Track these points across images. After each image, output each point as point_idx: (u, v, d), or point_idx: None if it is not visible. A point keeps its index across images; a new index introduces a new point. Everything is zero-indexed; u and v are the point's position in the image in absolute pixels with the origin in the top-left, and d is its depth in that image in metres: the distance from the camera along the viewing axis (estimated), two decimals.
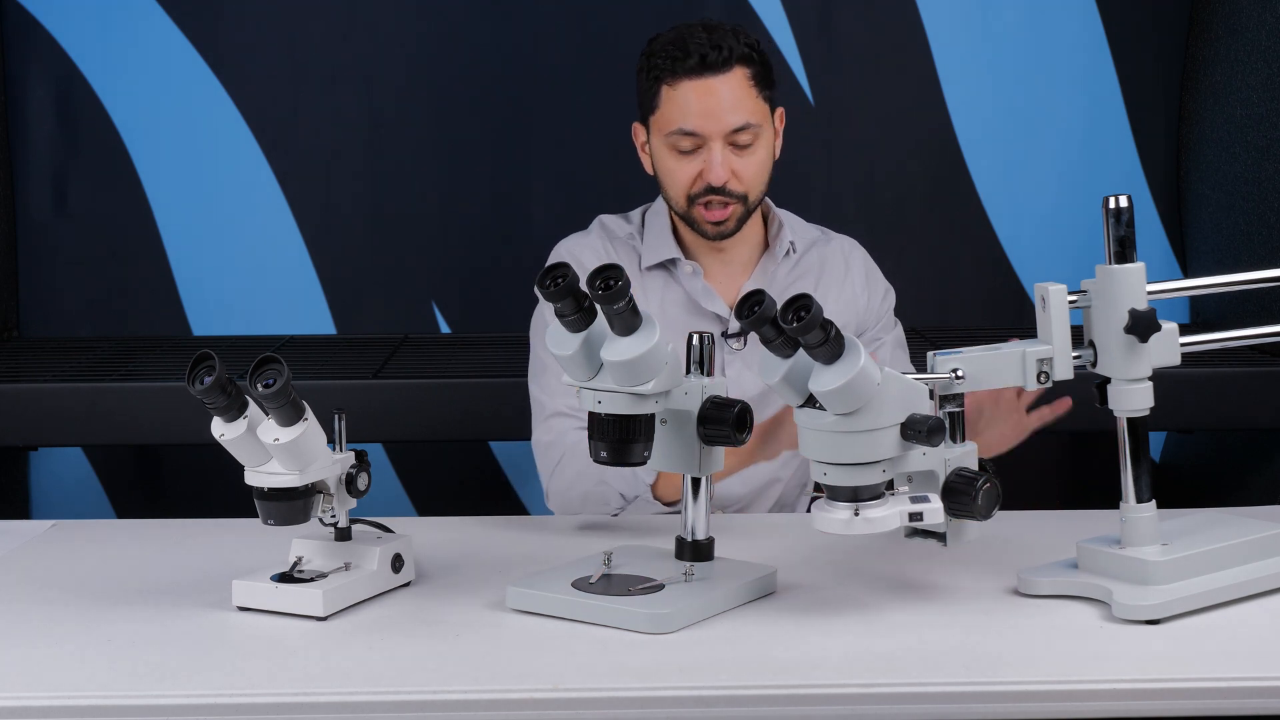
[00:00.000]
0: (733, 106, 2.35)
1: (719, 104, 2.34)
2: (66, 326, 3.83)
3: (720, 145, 2.36)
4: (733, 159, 2.37)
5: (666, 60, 2.37)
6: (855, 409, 1.76)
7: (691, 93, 2.35)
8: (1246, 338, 1.99)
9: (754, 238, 2.51)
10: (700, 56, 2.34)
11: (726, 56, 2.34)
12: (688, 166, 2.38)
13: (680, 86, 2.36)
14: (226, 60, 3.79)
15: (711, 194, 2.38)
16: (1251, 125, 3.50)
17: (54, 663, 1.73)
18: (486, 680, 1.67)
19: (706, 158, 2.37)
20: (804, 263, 2.54)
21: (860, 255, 2.61)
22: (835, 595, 1.93)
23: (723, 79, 2.35)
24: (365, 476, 1.95)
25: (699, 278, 2.47)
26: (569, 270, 1.81)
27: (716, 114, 2.35)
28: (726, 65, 2.35)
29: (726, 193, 2.38)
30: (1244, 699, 1.65)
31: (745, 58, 2.36)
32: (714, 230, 2.41)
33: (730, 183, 2.38)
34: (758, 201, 2.44)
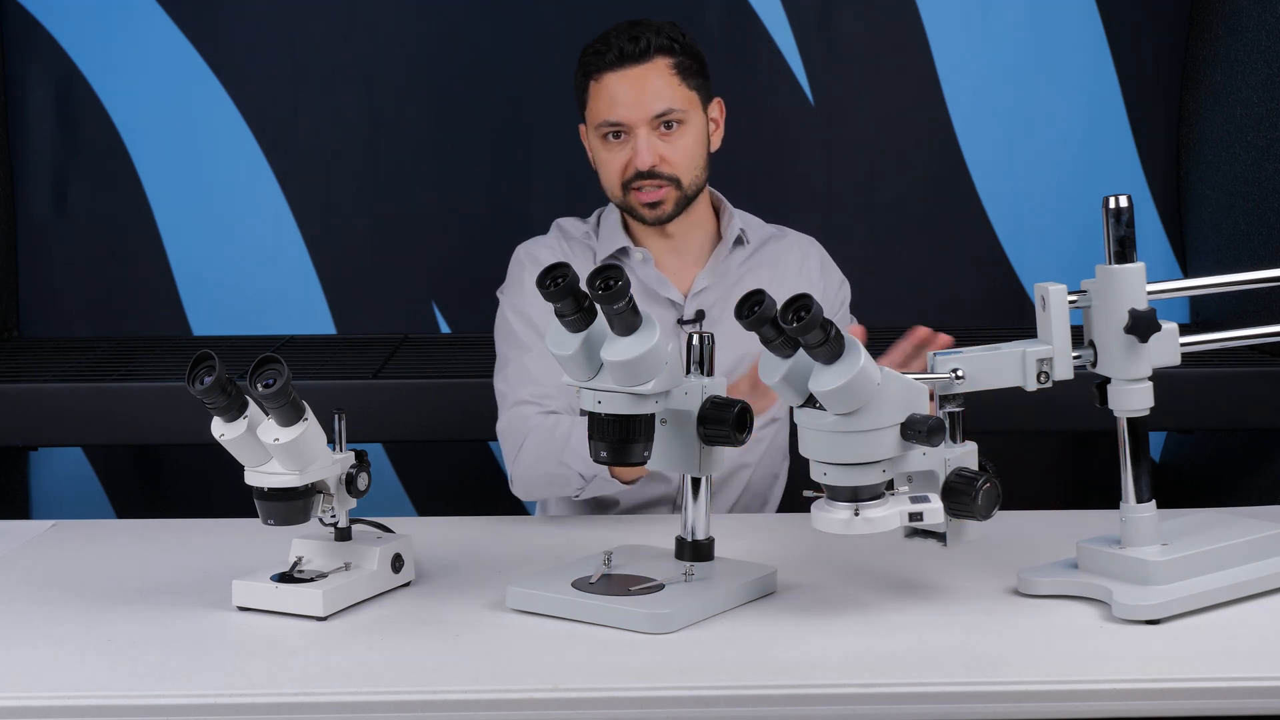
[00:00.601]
0: (654, 94, 2.44)
1: (640, 92, 2.44)
2: (66, 326, 3.82)
3: (645, 131, 2.44)
4: (659, 144, 2.45)
5: (592, 57, 2.47)
6: (855, 409, 1.76)
7: (614, 84, 2.45)
8: (1246, 338, 1.99)
9: (705, 227, 2.58)
10: (619, 50, 2.45)
11: (645, 47, 2.44)
12: (618, 155, 2.47)
13: (604, 80, 2.46)
14: (226, 60, 3.79)
15: (641, 179, 2.45)
16: (1251, 125, 3.50)
17: (54, 663, 1.73)
18: (486, 680, 1.67)
19: (633, 144, 2.45)
20: (759, 255, 2.60)
21: (817, 249, 2.67)
22: (835, 595, 1.93)
23: (642, 69, 2.45)
24: (365, 476, 1.95)
25: (650, 265, 2.53)
26: (569, 270, 1.82)
27: (638, 102, 2.44)
28: (645, 55, 2.45)
29: (656, 175, 2.45)
30: (1244, 699, 1.65)
31: (665, 48, 2.46)
32: (650, 214, 2.48)
33: (659, 165, 2.45)
34: (695, 186, 2.50)
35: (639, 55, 2.44)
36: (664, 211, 2.47)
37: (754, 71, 3.80)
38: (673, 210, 2.48)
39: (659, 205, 2.47)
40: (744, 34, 3.80)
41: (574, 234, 2.60)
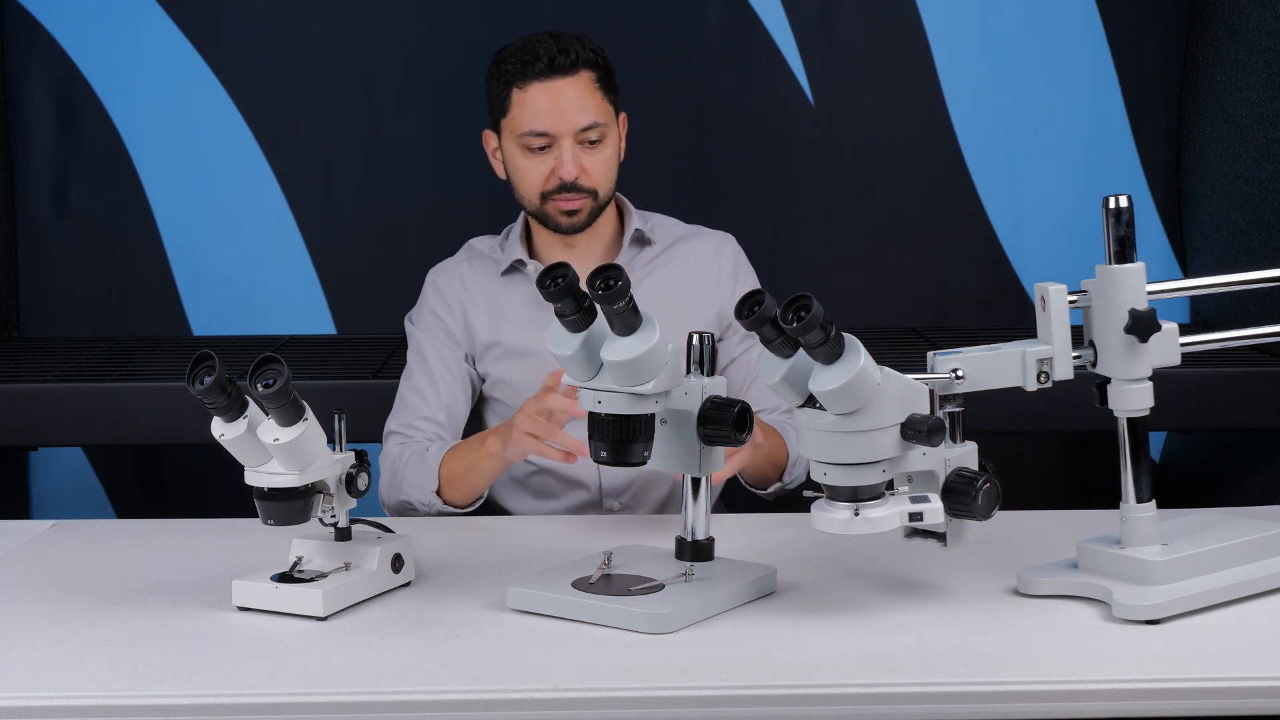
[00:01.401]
0: (580, 106, 2.48)
1: (567, 104, 2.48)
2: (66, 326, 3.82)
3: (570, 143, 2.49)
4: (582, 156, 2.50)
5: (517, 65, 2.51)
6: (855, 409, 1.76)
7: (541, 94, 2.48)
8: (1246, 338, 1.99)
9: (607, 233, 2.63)
10: (549, 60, 2.48)
11: (574, 60, 2.49)
12: (540, 165, 2.51)
13: (530, 89, 2.49)
14: (226, 60, 3.79)
15: (563, 190, 2.50)
16: (1251, 125, 3.50)
17: (54, 663, 1.73)
18: (486, 680, 1.67)
19: (558, 155, 2.49)
20: (668, 254, 2.63)
21: (731, 248, 2.69)
22: (835, 595, 1.93)
23: (570, 81, 2.49)
24: (365, 476, 1.95)
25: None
26: (569, 270, 1.82)
27: (565, 114, 2.48)
28: (574, 68, 2.49)
29: (577, 188, 2.50)
30: (1244, 699, 1.65)
31: (590, 62, 2.51)
32: (567, 222, 2.53)
33: (581, 178, 2.50)
34: (607, 198, 2.56)
35: (568, 67, 2.49)
36: (579, 220, 2.53)
37: (754, 71, 3.81)
38: (587, 219, 2.53)
39: (576, 214, 2.52)
40: (744, 34, 3.80)
41: (481, 250, 2.67)
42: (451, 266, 2.66)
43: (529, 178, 2.52)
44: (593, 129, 2.48)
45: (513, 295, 2.60)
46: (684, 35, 3.82)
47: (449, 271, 2.65)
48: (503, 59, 2.53)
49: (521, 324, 2.56)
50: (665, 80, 3.80)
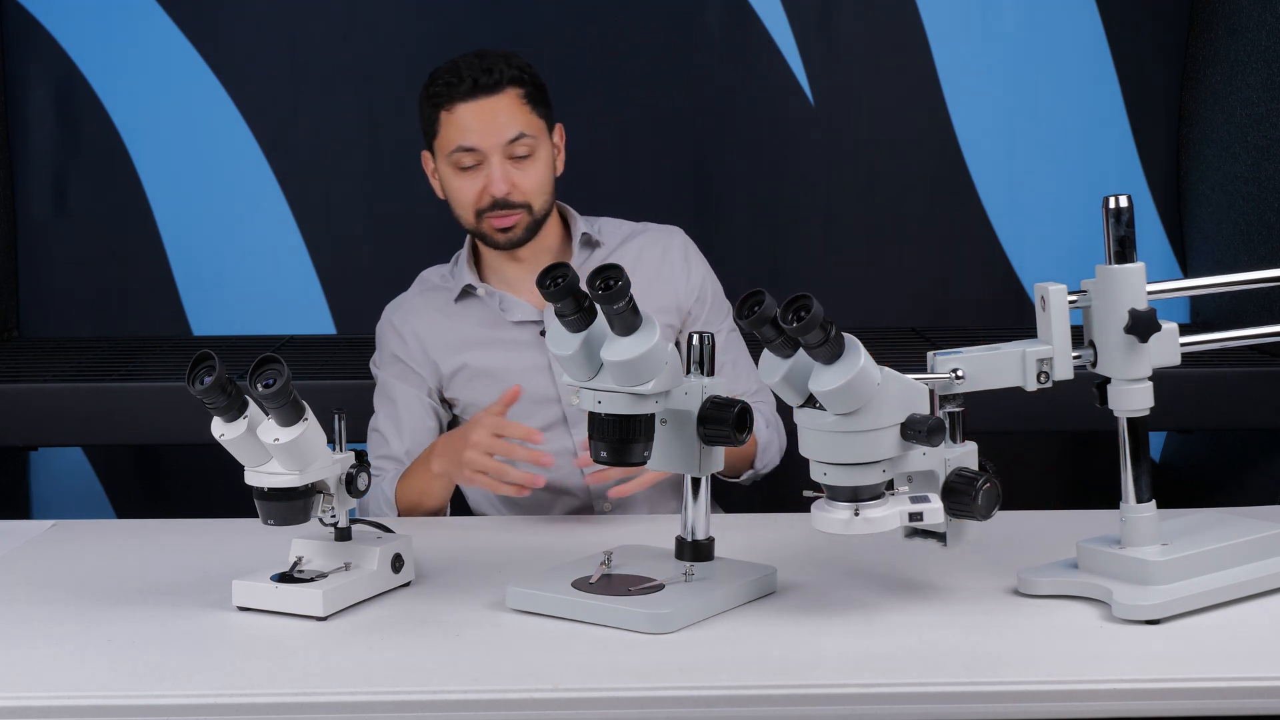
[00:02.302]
0: (507, 121, 2.51)
1: (493, 121, 2.51)
2: (66, 326, 3.82)
3: (499, 159, 2.51)
4: (512, 172, 2.52)
5: (443, 87, 2.53)
6: (855, 409, 1.76)
7: (468, 114, 2.51)
8: (1246, 338, 1.99)
9: (553, 243, 2.64)
10: (473, 80, 2.51)
11: (498, 79, 2.51)
12: (471, 182, 2.53)
13: (457, 109, 2.52)
14: (226, 60, 3.79)
15: (496, 207, 2.52)
16: (1251, 125, 3.50)
17: (54, 663, 1.73)
18: (486, 680, 1.67)
19: (487, 172, 2.51)
20: (617, 254, 2.64)
21: (680, 241, 2.71)
22: (835, 595, 1.93)
23: (495, 99, 2.51)
24: (365, 476, 1.95)
25: (494, 297, 2.60)
26: (569, 270, 1.83)
27: (491, 130, 2.50)
28: (498, 87, 2.51)
29: (510, 204, 2.52)
30: (1244, 699, 1.65)
31: (516, 79, 2.53)
32: (503, 238, 2.55)
33: (512, 193, 2.52)
34: (544, 211, 2.57)
35: (492, 86, 2.51)
36: (515, 235, 2.54)
37: (754, 71, 3.81)
38: (523, 235, 2.55)
39: (511, 230, 2.54)
40: (744, 34, 3.80)
41: (433, 281, 2.69)
42: (405, 302, 2.68)
43: (462, 196, 2.54)
44: (519, 141, 2.50)
45: (468, 320, 2.61)
46: (684, 35, 3.82)
47: (403, 308, 2.67)
48: (431, 82, 2.56)
49: (481, 346, 2.58)
50: (665, 80, 3.80)
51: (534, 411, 2.55)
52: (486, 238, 2.56)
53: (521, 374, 2.54)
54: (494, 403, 2.36)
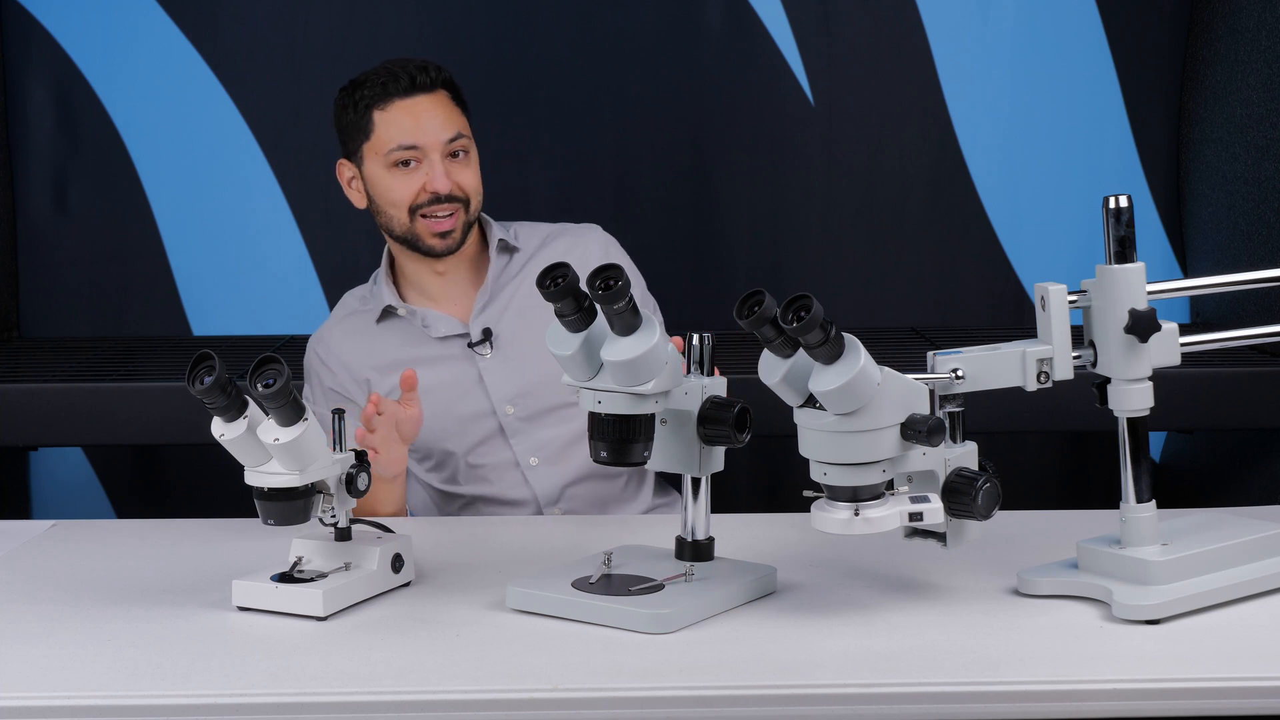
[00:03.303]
0: (444, 120, 2.53)
1: (433, 119, 2.53)
2: (66, 326, 3.82)
3: (438, 156, 2.52)
4: (452, 168, 2.53)
5: (377, 88, 2.55)
6: (855, 409, 1.76)
7: (404, 111, 2.53)
8: (1246, 338, 1.99)
9: (472, 250, 2.63)
10: (410, 78, 2.54)
11: (433, 78, 2.55)
12: (409, 181, 2.53)
13: (392, 108, 2.54)
14: (226, 60, 3.79)
15: (436, 203, 2.51)
16: (1251, 125, 3.50)
17: (54, 663, 1.73)
18: (486, 680, 1.67)
19: (428, 169, 2.52)
20: (539, 256, 2.64)
21: (598, 238, 2.70)
22: (835, 595, 1.93)
23: (430, 97, 2.54)
24: (365, 476, 1.95)
25: (416, 316, 2.60)
26: (569, 270, 1.83)
27: (431, 127, 2.52)
28: (433, 86, 2.55)
29: (452, 199, 2.52)
30: (1244, 699, 1.65)
31: (446, 82, 2.57)
32: (440, 244, 2.55)
33: (453, 189, 2.52)
34: (477, 211, 2.58)
35: (429, 85, 2.54)
36: (453, 240, 2.55)
37: (754, 71, 3.80)
38: (460, 238, 2.55)
39: (449, 234, 2.53)
40: (744, 34, 3.80)
41: (352, 305, 2.68)
42: (326, 334, 2.66)
43: (397, 195, 2.53)
44: (458, 140, 2.52)
45: (391, 341, 2.60)
46: (684, 35, 3.82)
47: (325, 340, 2.65)
48: (357, 86, 2.58)
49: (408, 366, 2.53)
50: (665, 80, 3.80)
51: (468, 427, 2.55)
52: (419, 242, 2.54)
53: (452, 389, 2.54)
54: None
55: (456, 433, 2.55)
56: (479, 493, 2.57)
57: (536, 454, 2.55)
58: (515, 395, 2.55)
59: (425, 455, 2.60)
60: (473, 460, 2.56)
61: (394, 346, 2.59)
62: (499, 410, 2.54)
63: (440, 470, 2.60)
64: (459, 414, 2.54)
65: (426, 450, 2.58)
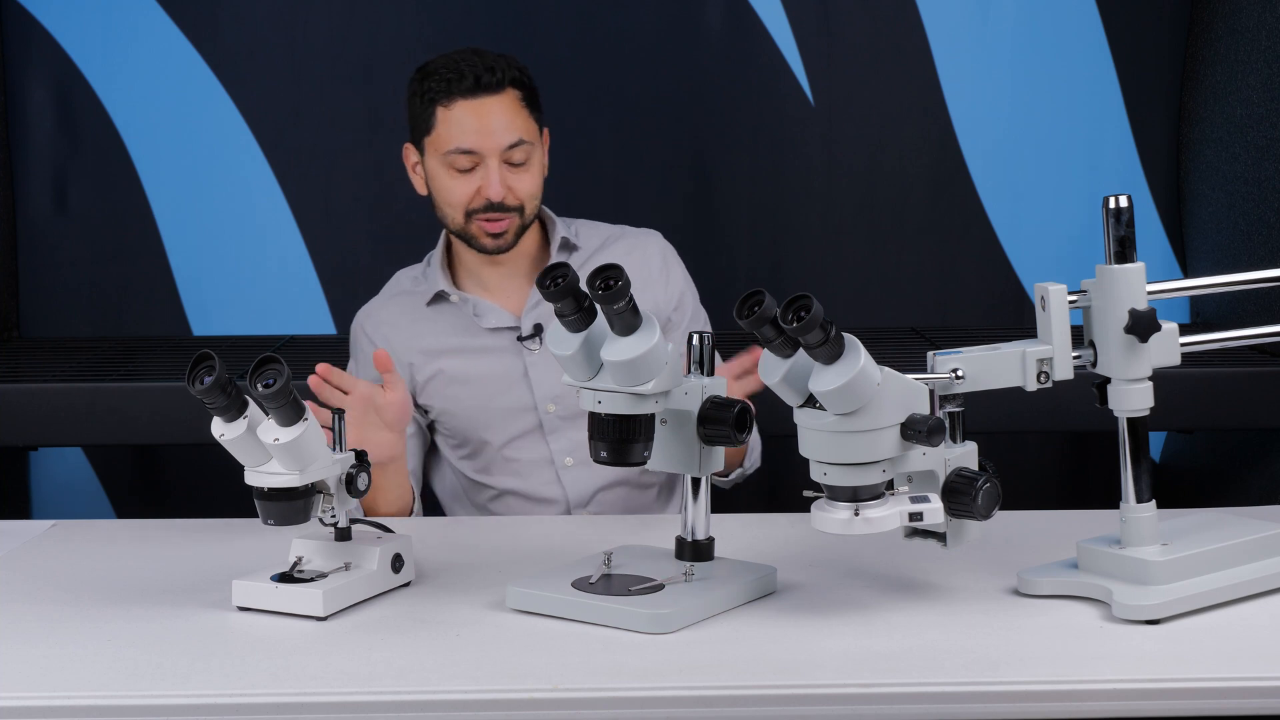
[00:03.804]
0: (506, 125, 2.47)
1: (493, 122, 2.46)
2: (66, 326, 3.82)
3: (496, 162, 2.47)
4: (508, 176, 2.48)
5: (441, 83, 2.49)
6: (855, 409, 1.76)
7: (467, 112, 2.47)
8: (1246, 338, 1.99)
9: (532, 247, 2.61)
10: (475, 78, 2.47)
11: (500, 78, 2.47)
12: (465, 184, 2.49)
13: (455, 107, 2.48)
14: (226, 60, 3.79)
15: (490, 209, 2.48)
16: (1251, 125, 3.50)
17: (54, 663, 1.73)
18: (486, 680, 1.67)
19: (484, 175, 2.47)
20: (598, 257, 2.61)
21: (658, 245, 2.68)
22: (835, 595, 1.93)
23: (496, 99, 2.47)
24: (365, 476, 1.95)
25: (468, 304, 2.57)
26: (569, 270, 1.83)
27: (492, 132, 2.46)
28: (500, 86, 2.47)
29: (504, 208, 2.48)
30: (1244, 699, 1.65)
31: (516, 81, 2.50)
32: (492, 244, 2.52)
33: (507, 198, 2.48)
34: (533, 216, 2.54)
35: (494, 86, 2.47)
36: (506, 241, 2.51)
37: (754, 71, 3.81)
38: (512, 240, 2.52)
39: (502, 235, 2.50)
40: (744, 34, 3.80)
41: (404, 285, 2.65)
42: (374, 309, 2.64)
43: (453, 197, 2.50)
44: (518, 148, 2.47)
45: (441, 326, 2.58)
46: (684, 35, 3.82)
47: (373, 315, 2.63)
48: (426, 75, 2.52)
49: (455, 354, 2.56)
50: (665, 80, 3.80)
51: (508, 420, 2.54)
52: (474, 240, 2.52)
53: (496, 381, 2.53)
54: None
55: (495, 424, 2.53)
56: (510, 486, 2.56)
57: (572, 454, 2.54)
58: (559, 393, 2.53)
59: (461, 442, 2.58)
60: (508, 454, 2.55)
61: (442, 332, 2.57)
62: (540, 406, 2.54)
63: (474, 459, 2.58)
64: (500, 406, 2.52)
65: (464, 437, 2.57)
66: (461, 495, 2.62)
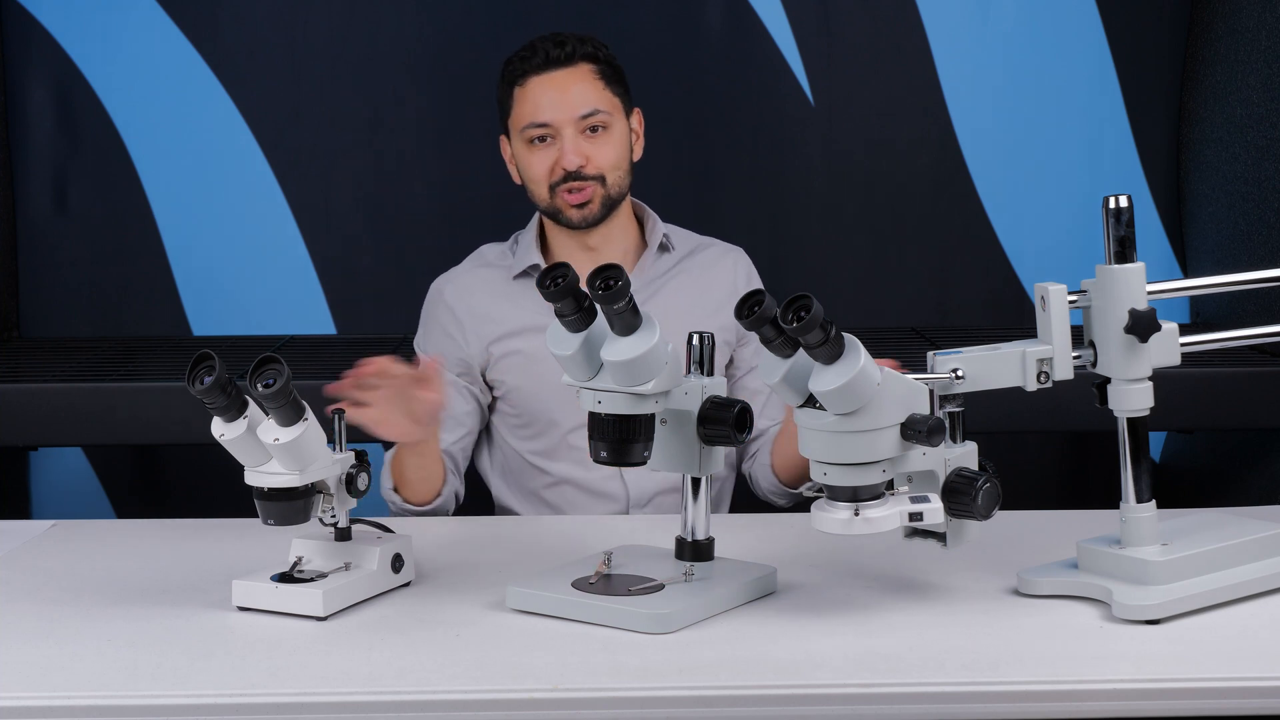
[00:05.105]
0: (580, 96, 2.50)
1: (565, 94, 2.49)
2: (66, 326, 3.82)
3: (572, 132, 2.49)
4: (585, 145, 2.50)
5: (516, 63, 2.53)
6: (855, 409, 1.76)
7: (539, 87, 2.50)
8: (1246, 338, 1.99)
9: (627, 239, 2.61)
10: (545, 54, 2.51)
11: (570, 53, 2.51)
12: (544, 157, 2.51)
13: (529, 84, 2.51)
14: (226, 60, 3.79)
15: (569, 179, 2.49)
16: (1251, 125, 3.50)
17: (54, 663, 1.73)
18: (486, 680, 1.67)
19: (560, 145, 2.49)
20: (685, 264, 2.62)
21: (745, 262, 2.69)
22: (835, 595, 1.93)
23: (567, 72, 2.51)
24: (365, 476, 1.95)
25: None
26: (569, 270, 1.82)
27: (564, 103, 2.49)
28: (570, 60, 2.51)
29: (583, 176, 2.49)
30: (1244, 699, 1.65)
31: (589, 55, 2.53)
32: (578, 215, 2.51)
33: (585, 166, 2.49)
34: (619, 189, 2.54)
35: (564, 59, 2.50)
36: (591, 212, 2.51)
37: (754, 71, 3.80)
38: (599, 211, 2.51)
39: (586, 205, 2.50)
40: (744, 34, 3.80)
41: (489, 258, 2.64)
42: (458, 276, 2.63)
43: (535, 172, 2.51)
44: (593, 116, 2.49)
45: (524, 304, 2.56)
46: (684, 35, 3.82)
47: (456, 282, 2.62)
48: (507, 62, 2.55)
49: (536, 331, 2.51)
50: (665, 80, 3.80)
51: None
52: (560, 215, 2.52)
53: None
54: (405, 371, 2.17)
55: (569, 406, 2.49)
56: (571, 475, 2.54)
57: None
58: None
59: (527, 422, 2.56)
60: (574, 440, 2.53)
61: (525, 309, 2.55)
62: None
63: (538, 440, 2.56)
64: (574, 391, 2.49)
65: (530, 416, 2.55)
66: (513, 478, 2.59)
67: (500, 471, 2.60)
